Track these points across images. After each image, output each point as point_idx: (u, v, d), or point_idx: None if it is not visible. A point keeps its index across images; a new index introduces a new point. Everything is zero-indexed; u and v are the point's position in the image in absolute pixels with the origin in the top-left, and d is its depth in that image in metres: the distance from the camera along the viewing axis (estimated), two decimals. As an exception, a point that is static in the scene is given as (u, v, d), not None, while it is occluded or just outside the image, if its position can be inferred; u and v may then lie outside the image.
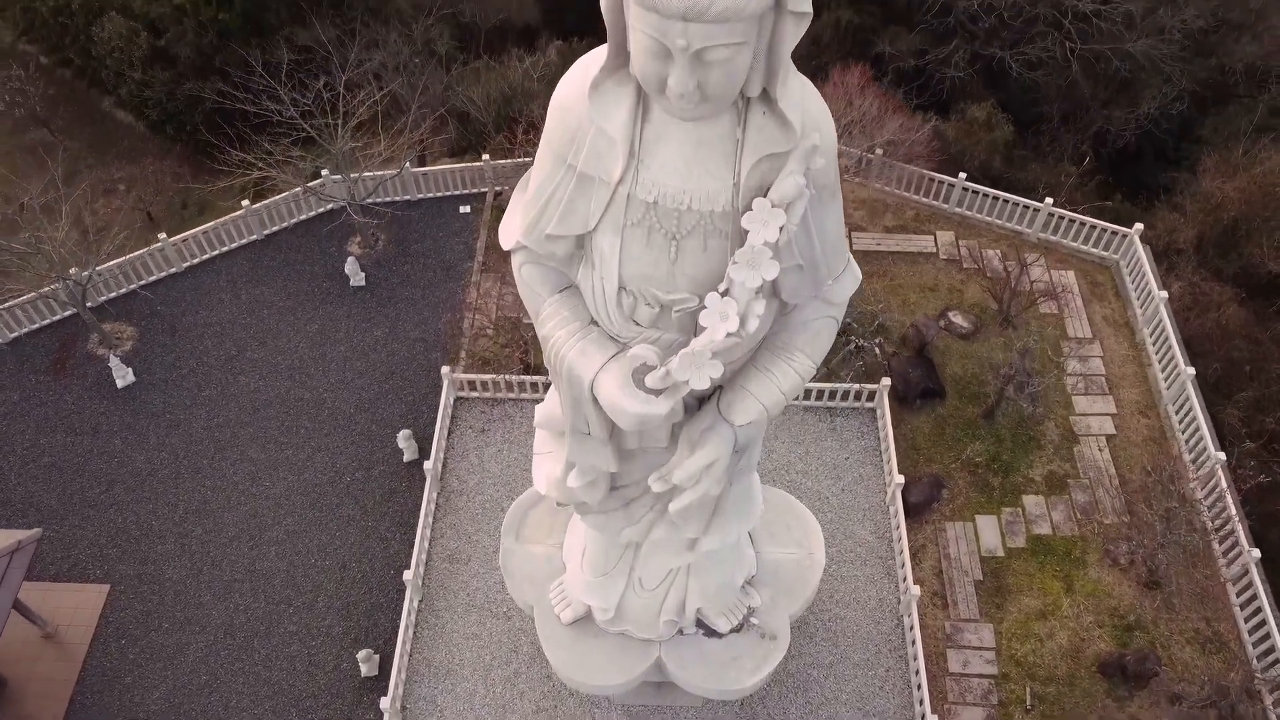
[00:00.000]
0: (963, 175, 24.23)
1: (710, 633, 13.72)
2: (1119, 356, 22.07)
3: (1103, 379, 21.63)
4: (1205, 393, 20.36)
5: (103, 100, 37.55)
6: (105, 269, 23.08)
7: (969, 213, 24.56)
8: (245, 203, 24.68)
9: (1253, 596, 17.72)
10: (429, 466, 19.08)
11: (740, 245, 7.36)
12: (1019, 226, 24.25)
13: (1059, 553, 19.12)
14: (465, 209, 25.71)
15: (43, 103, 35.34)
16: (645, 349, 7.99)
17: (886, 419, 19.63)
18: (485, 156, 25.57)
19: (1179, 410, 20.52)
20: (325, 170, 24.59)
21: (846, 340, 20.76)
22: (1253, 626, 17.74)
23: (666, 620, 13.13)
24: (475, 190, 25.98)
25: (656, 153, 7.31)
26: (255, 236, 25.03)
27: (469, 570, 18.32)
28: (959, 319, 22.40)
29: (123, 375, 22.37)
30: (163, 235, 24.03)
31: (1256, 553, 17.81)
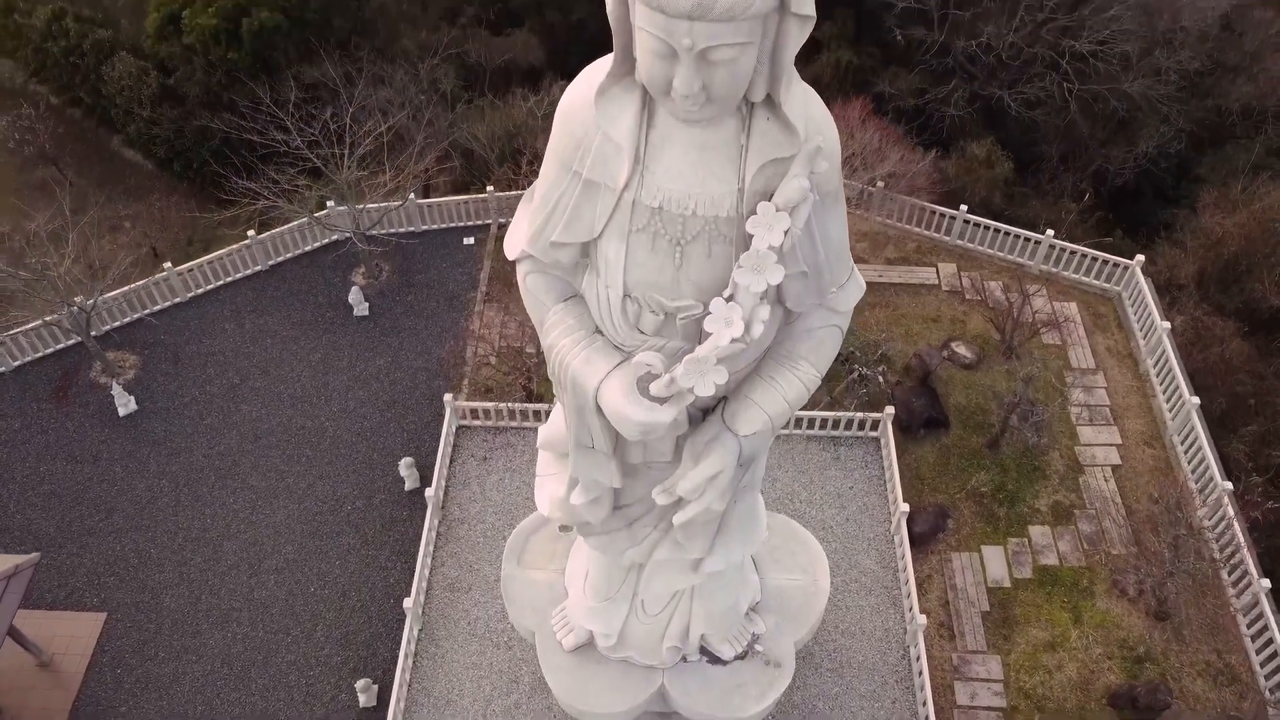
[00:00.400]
0: (963, 208, 24.38)
1: (714, 660, 13.50)
2: (1123, 387, 22.02)
3: (1107, 409, 21.56)
4: (1210, 427, 20.28)
5: (111, 139, 38.07)
6: (110, 298, 23.19)
7: (971, 245, 24.68)
8: (251, 233, 24.85)
9: (1264, 628, 17.49)
10: (430, 494, 18.96)
11: (745, 251, 7.36)
12: (1020, 259, 24.34)
13: (1066, 583, 18.91)
14: (469, 240, 25.87)
15: (52, 141, 35.72)
16: (650, 356, 7.91)
17: (891, 448, 19.53)
18: (490, 189, 25.79)
19: (1184, 440, 20.42)
20: (331, 201, 24.79)
21: (850, 369, 20.74)
22: (1265, 658, 17.49)
23: (670, 646, 12.93)
24: (479, 222, 26.19)
25: (661, 157, 7.34)
26: (260, 267, 25.18)
27: (470, 599, 18.12)
28: (962, 349, 22.39)
29: (125, 403, 22.35)
30: (168, 265, 24.17)
31: (1266, 583, 17.61)
